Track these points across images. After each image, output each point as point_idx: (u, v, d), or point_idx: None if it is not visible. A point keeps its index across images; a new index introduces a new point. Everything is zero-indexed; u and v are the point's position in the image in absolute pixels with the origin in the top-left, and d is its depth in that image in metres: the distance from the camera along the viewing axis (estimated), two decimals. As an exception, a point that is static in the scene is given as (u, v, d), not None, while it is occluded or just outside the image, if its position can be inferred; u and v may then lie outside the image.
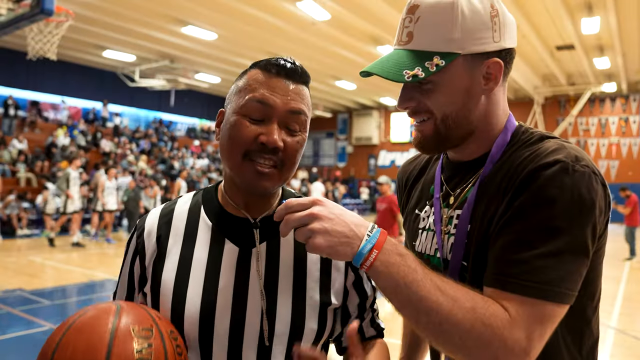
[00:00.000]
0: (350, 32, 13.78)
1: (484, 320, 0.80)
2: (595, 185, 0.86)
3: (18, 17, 4.65)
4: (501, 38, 0.96)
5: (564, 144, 0.92)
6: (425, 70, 0.93)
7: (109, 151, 18.39)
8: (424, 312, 0.82)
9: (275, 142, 0.97)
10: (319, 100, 24.68)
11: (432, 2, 0.95)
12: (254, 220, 1.06)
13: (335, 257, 0.85)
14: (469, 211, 0.99)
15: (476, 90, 0.97)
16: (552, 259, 0.82)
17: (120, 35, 14.81)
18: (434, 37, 0.94)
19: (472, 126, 1.00)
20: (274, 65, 1.02)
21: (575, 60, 17.05)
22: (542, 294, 0.81)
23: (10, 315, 5.75)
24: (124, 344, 0.83)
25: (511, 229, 0.87)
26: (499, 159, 0.99)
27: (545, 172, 0.86)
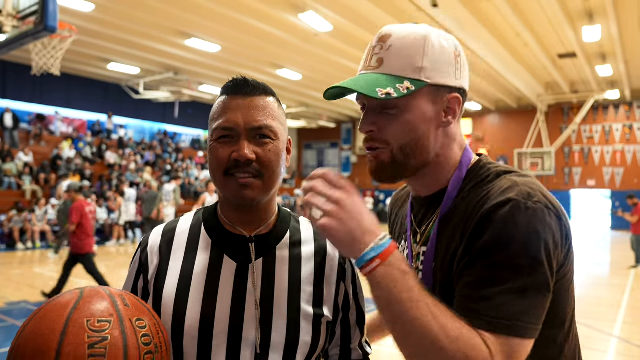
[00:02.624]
0: (352, 43, 13.86)
1: (466, 353, 0.81)
2: (548, 219, 0.89)
3: (22, 34, 4.73)
4: (461, 77, 1.02)
5: (517, 181, 0.94)
6: (397, 91, 0.95)
7: (114, 163, 18.51)
8: (411, 332, 0.83)
9: (246, 156, 1.03)
10: (322, 111, 24.76)
11: (405, 33, 1.00)
12: (249, 236, 1.11)
13: (336, 247, 0.90)
14: (432, 249, 1.01)
15: (436, 122, 1.01)
16: (513, 295, 0.85)
17: (124, 48, 14.96)
18: (405, 64, 0.98)
19: (429, 157, 1.02)
20: (229, 87, 1.09)
21: (578, 68, 17.07)
22: (507, 329, 0.84)
23: (14, 328, 5.78)
24: (74, 340, 0.81)
25: (474, 268, 0.90)
26: (457, 196, 1.02)
27: (499, 212, 0.89)
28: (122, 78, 19.29)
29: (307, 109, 23.44)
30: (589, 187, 22.06)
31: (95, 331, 0.83)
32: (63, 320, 0.83)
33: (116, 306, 0.89)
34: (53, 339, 0.81)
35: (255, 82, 1.10)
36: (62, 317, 0.83)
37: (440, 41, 1.00)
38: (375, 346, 1.46)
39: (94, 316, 0.84)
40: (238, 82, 1.09)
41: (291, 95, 20.97)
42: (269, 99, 1.10)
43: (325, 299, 1.11)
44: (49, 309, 0.86)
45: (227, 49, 14.83)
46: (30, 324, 0.85)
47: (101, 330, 0.83)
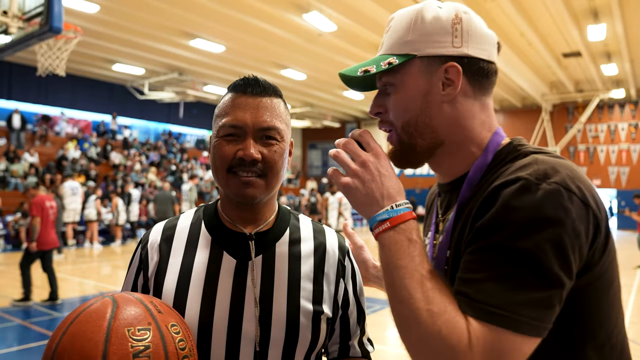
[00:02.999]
0: (356, 43, 13.87)
1: (442, 332, 0.75)
2: (565, 203, 0.77)
3: (28, 36, 4.76)
4: (463, 44, 0.93)
5: (540, 159, 0.85)
6: (378, 67, 0.94)
7: (119, 163, 18.57)
8: (399, 298, 0.81)
9: (252, 155, 1.05)
10: (327, 111, 24.77)
11: (403, 11, 0.98)
12: (249, 234, 1.12)
13: (352, 204, 0.90)
14: (447, 238, 0.95)
15: (435, 96, 0.93)
16: (506, 282, 0.76)
17: (129, 49, 15.02)
18: (394, 41, 0.97)
19: (438, 135, 0.95)
20: (239, 86, 1.10)
21: (583, 67, 17.01)
22: (494, 318, 0.75)
23: (21, 328, 5.82)
24: (119, 350, 0.82)
25: (470, 249, 0.82)
26: (480, 181, 0.92)
27: (504, 191, 0.80)
28: (127, 79, 19.37)
29: (311, 109, 23.46)
30: (595, 187, 21.98)
31: (137, 340, 0.85)
32: (104, 330, 0.84)
33: (151, 313, 0.91)
34: (97, 349, 0.82)
35: (266, 82, 1.11)
36: (102, 327, 0.84)
37: (435, 12, 0.94)
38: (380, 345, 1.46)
39: (134, 325, 0.86)
40: (249, 81, 1.10)
41: (295, 95, 20.99)
42: (277, 100, 1.12)
43: (325, 296, 1.12)
44: (85, 319, 0.86)
45: (231, 50, 14.86)
46: (68, 335, 0.85)
47: (143, 338, 0.85)
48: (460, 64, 0.92)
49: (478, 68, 0.94)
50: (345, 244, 1.22)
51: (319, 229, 1.21)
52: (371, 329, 1.28)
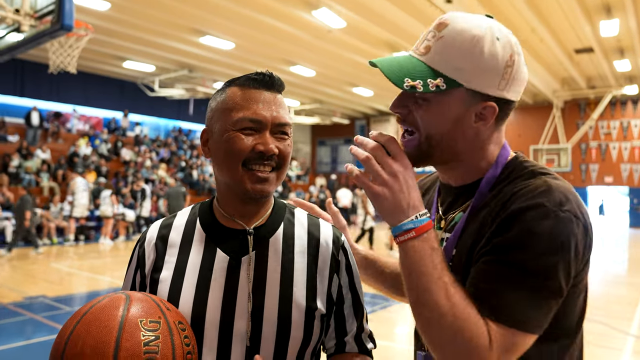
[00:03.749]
0: (366, 39, 13.83)
1: (468, 336, 0.85)
2: (575, 229, 0.89)
3: (40, 34, 4.81)
4: (505, 89, 0.98)
5: (552, 186, 0.94)
6: (425, 87, 0.95)
7: (130, 160, 18.70)
8: (423, 303, 0.89)
9: (272, 150, 1.06)
10: (336, 107, 24.74)
11: (460, 27, 0.97)
12: (248, 229, 1.13)
13: (379, 211, 0.95)
14: (455, 238, 1.04)
15: (466, 124, 0.99)
16: (523, 293, 0.87)
17: (139, 46, 15.09)
18: (448, 60, 0.96)
19: (455, 155, 1.03)
20: (253, 81, 1.10)
21: (595, 63, 16.83)
22: (511, 321, 0.86)
23: (33, 322, 5.90)
24: (131, 337, 0.87)
25: (491, 261, 0.91)
26: (490, 191, 1.02)
27: (527, 214, 0.90)
28: (138, 76, 19.47)
29: (320, 106, 23.44)
30: (607, 184, 21.77)
31: (148, 330, 0.90)
32: (118, 318, 0.89)
33: (161, 309, 0.95)
34: (111, 335, 0.87)
35: (279, 79, 1.13)
36: (116, 316, 0.89)
37: (494, 47, 0.96)
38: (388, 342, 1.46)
39: (145, 317, 0.91)
40: (265, 76, 1.11)
41: (305, 92, 20.98)
42: (281, 96, 1.14)
43: (319, 291, 1.12)
44: (100, 309, 0.91)
45: (241, 47, 14.88)
46: (82, 324, 0.89)
47: (154, 330, 0.91)
48: (498, 104, 0.99)
49: (509, 109, 1.03)
50: (341, 237, 1.21)
51: (314, 223, 1.21)
52: (379, 326, 1.29)
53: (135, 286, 1.15)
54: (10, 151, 15.72)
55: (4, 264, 10.16)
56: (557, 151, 20.89)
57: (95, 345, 0.85)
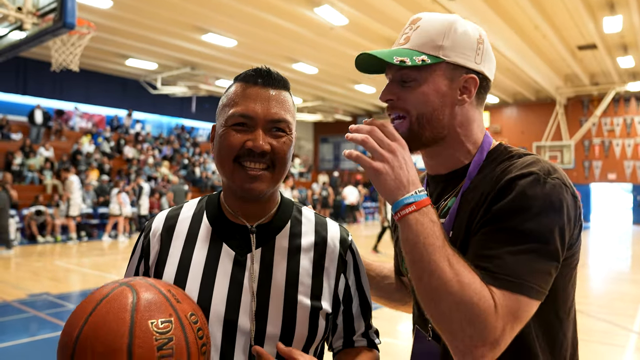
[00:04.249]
0: (368, 36, 13.81)
1: (472, 299, 0.87)
2: (565, 195, 0.96)
3: (42, 31, 4.81)
4: (482, 63, 1.10)
5: (540, 159, 1.03)
6: (412, 61, 1.05)
7: (132, 157, 18.73)
8: (428, 272, 0.91)
9: (262, 147, 1.04)
10: (338, 104, 24.72)
11: (434, 17, 1.10)
12: (250, 227, 1.12)
13: (380, 189, 0.98)
14: (451, 220, 1.09)
15: (451, 98, 1.08)
16: (522, 256, 0.91)
17: (142, 44, 15.10)
18: (427, 41, 1.08)
19: (443, 130, 1.10)
20: (251, 76, 1.09)
21: (598, 59, 16.77)
22: (514, 286, 0.89)
23: (37, 319, 5.92)
24: (144, 343, 0.83)
25: (487, 229, 0.97)
26: (477, 175, 1.10)
27: (520, 182, 0.96)
28: (140, 74, 19.48)
29: (323, 103, 23.43)
30: (610, 181, 21.71)
31: (161, 333, 0.86)
32: (127, 323, 0.85)
33: (170, 303, 0.91)
34: (122, 342, 0.83)
35: (278, 74, 1.11)
36: (125, 320, 0.85)
37: (465, 27, 1.09)
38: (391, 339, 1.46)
39: (156, 317, 0.87)
40: (261, 72, 1.09)
41: (307, 89, 20.97)
42: (286, 93, 1.11)
43: (324, 291, 1.11)
44: (106, 309, 0.87)
45: (243, 44, 14.87)
46: (90, 325, 0.85)
47: (166, 331, 0.86)
48: (478, 77, 1.09)
49: (486, 85, 1.13)
50: (349, 237, 1.21)
51: (321, 222, 1.20)
52: (382, 323, 1.29)
53: (139, 275, 1.14)
54: (14, 149, 15.75)
55: (8, 262, 10.20)
56: (560, 148, 20.84)
57: (105, 353, 0.82)
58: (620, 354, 4.94)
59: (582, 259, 11.61)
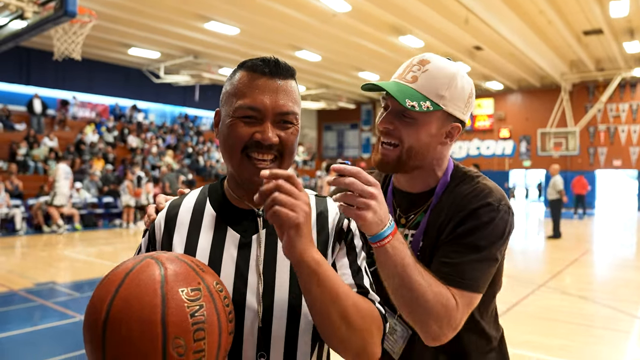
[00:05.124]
0: (372, 23, 13.71)
1: (443, 303, 1.15)
2: (509, 218, 1.28)
3: (43, 20, 4.79)
4: (466, 113, 1.34)
5: (491, 187, 1.30)
6: (420, 107, 1.24)
7: (136, 147, 18.75)
8: (407, 287, 1.14)
9: (270, 140, 1.04)
10: (342, 92, 24.63)
11: (441, 65, 1.29)
12: (257, 210, 1.13)
13: (364, 228, 1.10)
14: (421, 232, 1.34)
15: (438, 139, 1.32)
16: (476, 264, 1.22)
17: (144, 32, 15.05)
18: (432, 89, 1.27)
19: (424, 162, 1.33)
20: (258, 66, 1.07)
21: (604, 44, 16.61)
22: (469, 287, 1.20)
23: (43, 307, 5.97)
24: (178, 312, 0.85)
25: (451, 243, 1.25)
26: (443, 193, 1.35)
27: (479, 211, 1.25)
28: (143, 62, 19.45)
29: (326, 91, 23.35)
30: (615, 168, 21.61)
31: (192, 300, 0.87)
32: (159, 293, 0.86)
33: (196, 272, 0.92)
34: (156, 313, 0.84)
35: (285, 64, 1.10)
36: (156, 290, 0.86)
37: (463, 82, 1.30)
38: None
39: (186, 286, 0.89)
40: (270, 62, 1.08)
41: (310, 77, 20.89)
42: (292, 82, 1.11)
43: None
44: (135, 282, 0.87)
45: (246, 32, 14.80)
46: (119, 299, 0.86)
47: (196, 298, 0.88)
48: (462, 125, 1.34)
49: (463, 128, 1.36)
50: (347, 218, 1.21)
51: (322, 201, 1.21)
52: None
53: None
54: (18, 139, 15.80)
55: (14, 251, 10.28)
56: (565, 135, 20.70)
57: (141, 328, 0.83)
58: (624, 340, 4.95)
59: (587, 245, 11.67)
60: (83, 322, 0.89)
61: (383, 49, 16.04)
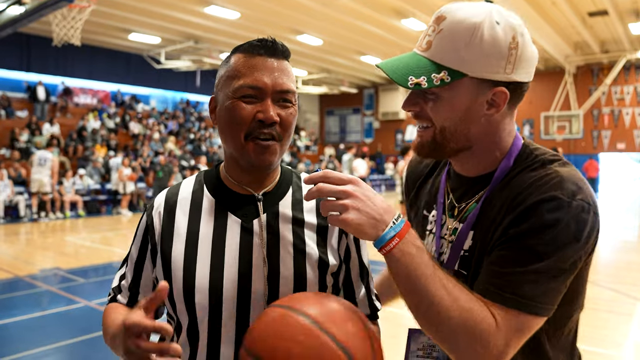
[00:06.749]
0: (374, 6, 13.56)
1: (475, 322, 0.89)
2: (585, 217, 0.94)
3: (41, 5, 4.75)
4: (514, 71, 0.98)
5: (564, 176, 0.97)
6: (429, 82, 0.97)
7: (138, 133, 18.72)
8: (426, 303, 0.90)
9: (272, 118, 1.05)
10: (344, 76, 24.49)
11: (458, 18, 0.97)
12: (257, 195, 1.14)
13: (359, 235, 0.92)
14: (468, 227, 1.07)
15: (477, 112, 1.01)
16: (532, 276, 0.92)
17: (144, 17, 14.93)
18: (449, 52, 0.97)
19: (469, 143, 1.05)
20: (256, 47, 1.09)
21: (609, 26, 16.42)
22: (521, 306, 0.91)
23: (49, 293, 6.02)
24: None
25: (504, 248, 0.96)
26: (501, 182, 1.05)
27: (542, 207, 0.94)
28: (144, 48, 19.33)
29: (328, 75, 23.21)
30: (619, 151, 21.50)
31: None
32: None
33: None
34: None
35: (283, 45, 1.11)
36: None
37: (494, 31, 0.95)
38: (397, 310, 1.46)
39: None
40: (267, 42, 1.09)
41: (312, 61, 20.75)
42: (288, 63, 1.12)
43: (328, 250, 1.15)
44: None
45: (246, 16, 14.68)
46: None
47: None
48: (508, 88, 0.99)
49: (520, 92, 1.02)
50: None
51: None
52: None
53: (146, 253, 1.16)
54: (20, 126, 15.78)
55: (19, 238, 10.34)
56: (569, 118, 20.56)
57: None
58: (626, 322, 4.97)
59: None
60: None
61: (385, 33, 15.89)
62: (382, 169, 25.44)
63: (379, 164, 25.86)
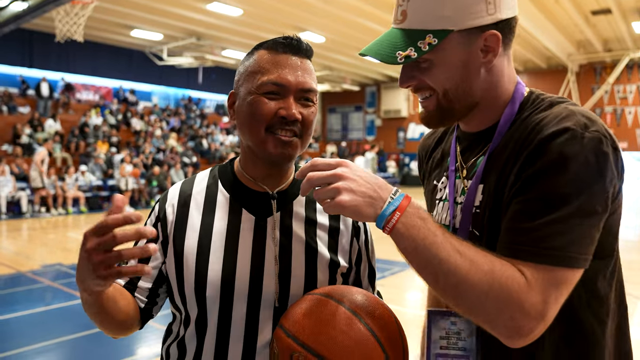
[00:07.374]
0: (376, 4, 13.54)
1: (501, 283, 0.81)
2: (605, 149, 0.86)
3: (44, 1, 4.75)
4: (497, 10, 0.94)
5: (573, 110, 0.91)
6: (418, 51, 0.93)
7: (140, 130, 18.73)
8: (442, 273, 0.84)
9: (294, 115, 1.06)
10: (346, 74, 24.44)
11: None
12: (271, 192, 1.14)
13: (358, 216, 0.87)
14: (477, 181, 1.01)
15: (475, 63, 0.97)
16: (560, 224, 0.83)
17: (147, 14, 14.92)
18: (426, 15, 0.94)
19: (475, 98, 1.00)
20: (280, 44, 1.09)
21: (612, 25, 16.37)
22: (554, 260, 0.83)
23: (51, 289, 6.04)
24: None
25: (521, 199, 0.88)
26: (508, 130, 0.99)
27: (554, 142, 0.86)
28: (146, 45, 19.32)
29: (330, 72, 23.18)
30: (622, 150, 21.44)
31: None
32: None
33: None
34: None
35: (307, 44, 1.12)
36: None
37: None
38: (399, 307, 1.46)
39: None
40: (292, 40, 1.10)
41: (314, 59, 19.80)
42: (310, 62, 1.13)
43: (339, 251, 1.15)
44: None
45: (249, 13, 14.66)
46: None
47: None
48: (497, 29, 0.95)
49: (510, 28, 0.98)
50: None
51: None
52: (390, 291, 1.30)
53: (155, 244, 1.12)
54: (22, 122, 15.79)
55: (21, 233, 10.36)
56: (571, 116, 20.48)
57: None
58: (627, 321, 4.96)
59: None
60: None
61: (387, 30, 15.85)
62: (384, 167, 25.41)
63: (381, 162, 25.83)
